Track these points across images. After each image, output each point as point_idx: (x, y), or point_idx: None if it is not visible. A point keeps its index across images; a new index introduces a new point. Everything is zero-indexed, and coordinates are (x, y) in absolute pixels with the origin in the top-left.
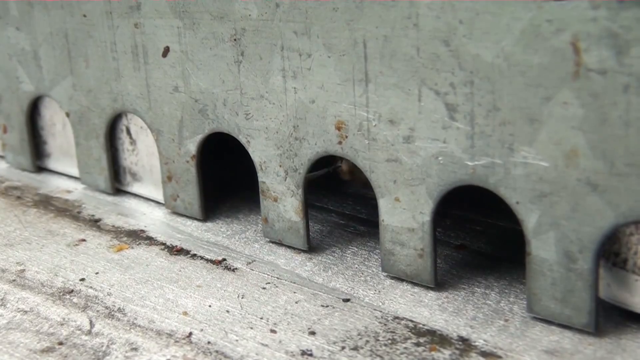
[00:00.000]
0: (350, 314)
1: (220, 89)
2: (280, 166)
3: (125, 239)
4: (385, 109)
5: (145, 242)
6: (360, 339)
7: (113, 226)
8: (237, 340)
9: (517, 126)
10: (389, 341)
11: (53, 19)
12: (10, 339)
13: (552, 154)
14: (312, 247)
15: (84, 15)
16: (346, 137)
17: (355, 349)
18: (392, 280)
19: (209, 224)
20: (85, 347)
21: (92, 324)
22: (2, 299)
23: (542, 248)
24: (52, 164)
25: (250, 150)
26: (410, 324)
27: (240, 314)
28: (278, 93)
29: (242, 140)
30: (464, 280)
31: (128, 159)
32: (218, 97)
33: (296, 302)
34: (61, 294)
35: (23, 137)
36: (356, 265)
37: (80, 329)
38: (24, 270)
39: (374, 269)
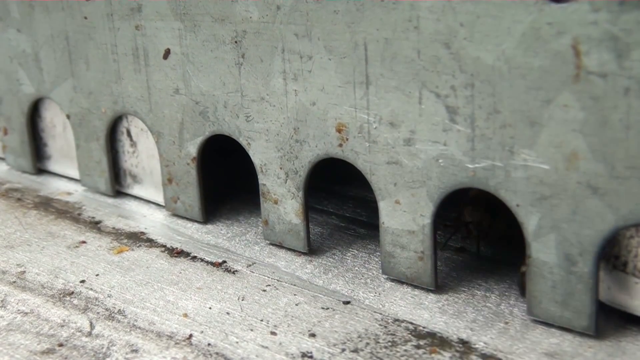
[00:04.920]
0: (350, 317)
1: (221, 91)
2: (280, 168)
3: (125, 241)
4: (386, 112)
5: (146, 244)
6: (361, 341)
7: (113, 228)
8: (237, 342)
9: (517, 129)
10: (389, 343)
11: (54, 21)
12: (11, 340)
13: (552, 156)
14: (312, 250)
15: (85, 18)
16: (347, 139)
17: (356, 351)
18: (393, 283)
19: (209, 226)
20: (86, 348)
21: (92, 326)
22: (2, 301)
23: (542, 251)
24: (52, 166)
25: (250, 153)
26: (411, 327)
27: (241, 316)
28: (279, 95)
29: (243, 142)
30: (464, 282)
31: (128, 161)
32: (219, 99)
33: (296, 305)
34: (61, 295)
35: (23, 139)
36: (356, 268)
37: (80, 331)
38: (24, 272)
39: (374, 272)
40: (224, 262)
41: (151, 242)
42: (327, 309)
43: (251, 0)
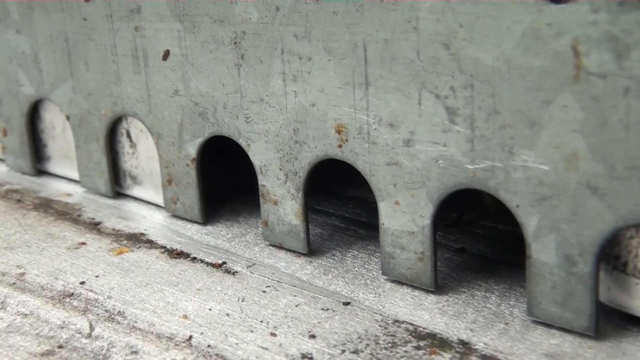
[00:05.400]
0: (350, 318)
1: (221, 92)
2: (280, 169)
3: (125, 242)
4: (386, 113)
5: (146, 245)
6: (361, 342)
7: (113, 229)
8: (237, 344)
9: (517, 129)
10: (389, 345)
11: (53, 22)
12: (10, 342)
13: (552, 157)
14: (312, 251)
15: (84, 19)
16: (346, 140)
17: (356, 352)
18: (392, 284)
19: (209, 227)
20: (85, 350)
21: (92, 327)
22: (2, 302)
23: (542, 251)
24: (52, 167)
25: (250, 154)
26: (411, 328)
27: (241, 318)
28: (278, 96)
29: (242, 143)
30: (464, 283)
31: (128, 162)
32: (218, 100)
33: (296, 306)
34: (61, 297)
35: (23, 140)
36: (356, 269)
37: (80, 332)
38: (24, 273)
39: (374, 273)
40: (224, 263)
41: (151, 244)
42: (327, 310)
43: (250, 1)
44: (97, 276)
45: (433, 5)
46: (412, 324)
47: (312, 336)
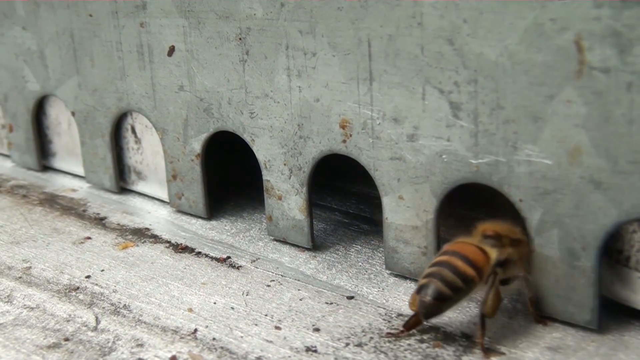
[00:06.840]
0: (354, 311)
1: (225, 88)
2: (284, 164)
3: (130, 237)
4: (390, 108)
5: (150, 240)
6: (365, 335)
7: (118, 224)
8: (242, 337)
9: (520, 124)
10: (393, 338)
11: (59, 19)
12: (17, 335)
13: (555, 151)
14: (316, 245)
15: (90, 15)
16: (350, 135)
17: (360, 345)
18: (396, 278)
19: (213, 223)
20: (92, 343)
21: (98, 321)
22: (8, 296)
23: (545, 245)
24: (57, 162)
25: (254, 149)
26: None
27: (245, 311)
28: (283, 92)
29: (247, 138)
30: None
31: (133, 157)
32: (223, 96)
33: (300, 300)
34: (67, 290)
35: (29, 136)
36: (360, 263)
37: (86, 325)
38: (30, 267)
39: (377, 267)
40: (229, 257)
41: (156, 238)
42: (331, 303)
43: None
44: (102, 270)
45: (437, 1)
46: None
47: (317, 329)
